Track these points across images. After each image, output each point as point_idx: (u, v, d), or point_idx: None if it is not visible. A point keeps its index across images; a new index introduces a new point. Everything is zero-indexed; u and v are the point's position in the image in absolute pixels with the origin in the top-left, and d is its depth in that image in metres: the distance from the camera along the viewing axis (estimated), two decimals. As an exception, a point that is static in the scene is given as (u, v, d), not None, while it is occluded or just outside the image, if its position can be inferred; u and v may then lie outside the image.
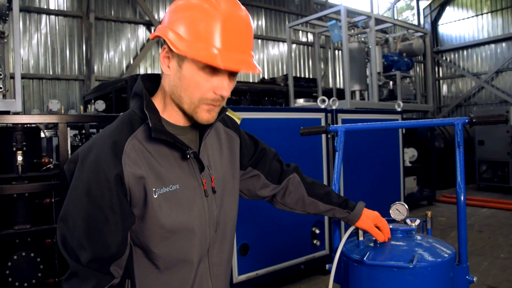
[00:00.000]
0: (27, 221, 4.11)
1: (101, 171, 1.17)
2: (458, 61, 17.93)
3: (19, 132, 4.13)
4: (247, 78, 13.44)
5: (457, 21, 17.86)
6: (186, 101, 1.24)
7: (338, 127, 2.15)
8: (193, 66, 1.19)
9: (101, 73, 10.63)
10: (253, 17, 13.90)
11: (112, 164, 1.18)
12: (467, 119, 1.86)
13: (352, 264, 1.75)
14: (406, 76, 10.56)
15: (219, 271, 1.42)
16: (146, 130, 1.26)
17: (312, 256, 4.75)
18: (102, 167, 1.17)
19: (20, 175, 4.02)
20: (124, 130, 1.25)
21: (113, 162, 1.18)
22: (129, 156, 1.20)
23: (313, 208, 1.73)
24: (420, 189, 9.30)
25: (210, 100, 1.23)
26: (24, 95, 9.54)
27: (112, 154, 1.19)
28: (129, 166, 1.19)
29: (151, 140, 1.25)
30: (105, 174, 1.17)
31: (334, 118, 4.99)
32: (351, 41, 9.25)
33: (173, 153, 1.29)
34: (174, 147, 1.28)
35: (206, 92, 1.22)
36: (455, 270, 1.73)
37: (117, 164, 1.18)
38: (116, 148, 1.20)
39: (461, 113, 17.78)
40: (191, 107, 1.25)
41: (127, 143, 1.22)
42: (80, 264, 1.19)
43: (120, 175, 1.18)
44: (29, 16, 9.80)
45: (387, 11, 17.83)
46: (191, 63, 1.19)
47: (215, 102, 1.24)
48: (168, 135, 1.23)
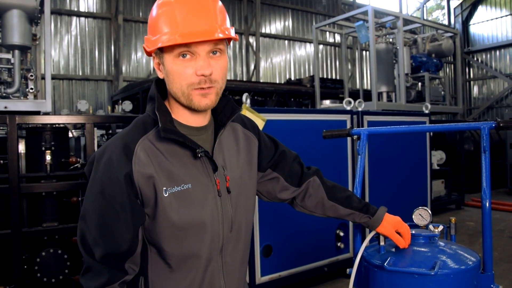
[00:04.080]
0: (54, 218, 4.22)
1: (113, 171, 1.23)
2: (490, 62, 17.50)
3: (48, 132, 4.24)
4: (274, 79, 13.45)
5: (489, 21, 17.44)
6: (179, 94, 1.27)
7: (361, 130, 2.12)
8: (170, 58, 1.25)
9: (129, 74, 10.82)
10: (280, 18, 13.90)
11: (123, 164, 1.23)
12: (494, 124, 1.80)
13: (373, 269, 1.72)
14: (435, 78, 10.35)
15: (233, 271, 1.43)
16: (158, 131, 1.29)
17: (335, 259, 4.70)
18: (114, 168, 1.23)
19: (48, 174, 4.12)
20: (137, 132, 1.30)
21: (124, 163, 1.23)
22: (139, 156, 1.25)
23: (333, 211, 1.71)
24: (448, 192, 9.09)
25: (197, 84, 1.24)
26: (55, 96, 9.80)
27: (123, 155, 1.24)
28: (139, 165, 1.24)
29: (162, 140, 1.28)
30: (116, 174, 1.22)
31: (360, 120, 4.93)
32: (378, 42, 9.12)
33: (185, 152, 1.31)
34: (185, 146, 1.30)
35: (189, 78, 1.24)
36: (479, 279, 1.68)
37: (128, 165, 1.23)
38: (127, 149, 1.25)
39: (492, 116, 17.34)
40: (185, 97, 1.27)
41: (138, 144, 1.26)
42: (94, 260, 1.24)
43: (130, 175, 1.23)
44: (60, 18, 10.06)
45: (416, 11, 17.54)
46: (167, 56, 1.25)
47: (203, 84, 1.24)
48: (177, 134, 1.26)
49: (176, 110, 1.35)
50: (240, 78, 12.90)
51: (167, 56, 1.25)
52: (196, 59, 1.23)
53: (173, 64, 1.24)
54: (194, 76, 1.23)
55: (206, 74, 1.23)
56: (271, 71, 13.58)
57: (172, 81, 1.27)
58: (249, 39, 13.08)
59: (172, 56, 1.24)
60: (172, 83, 1.27)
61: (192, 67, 1.23)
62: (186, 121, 1.35)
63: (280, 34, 13.88)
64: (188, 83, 1.24)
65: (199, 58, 1.23)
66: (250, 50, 13.07)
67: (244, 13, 13.13)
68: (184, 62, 1.23)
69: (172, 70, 1.25)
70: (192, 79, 1.24)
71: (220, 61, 1.27)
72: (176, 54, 1.23)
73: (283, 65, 13.89)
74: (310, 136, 4.38)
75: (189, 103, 1.27)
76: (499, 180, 11.50)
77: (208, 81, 1.25)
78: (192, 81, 1.24)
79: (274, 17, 13.76)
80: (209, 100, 1.28)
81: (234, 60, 12.96)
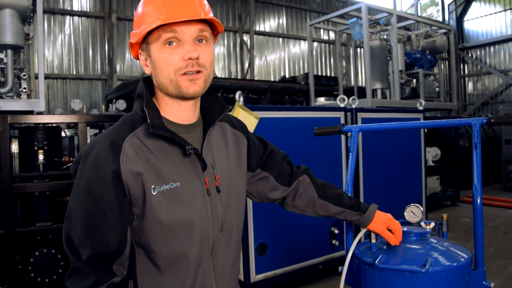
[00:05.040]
0: (48, 218, 4.21)
1: (100, 169, 1.20)
2: (484, 58, 17.53)
3: (40, 132, 4.22)
4: (268, 77, 13.43)
5: (483, 17, 17.47)
6: (166, 82, 1.27)
7: (352, 127, 2.11)
8: (156, 47, 1.26)
9: (123, 73, 10.79)
10: (274, 16, 13.88)
11: (110, 161, 1.20)
12: (485, 120, 1.80)
13: (364, 267, 1.72)
14: (429, 74, 10.37)
15: (225, 272, 1.40)
16: (146, 128, 1.28)
17: (330, 256, 4.70)
18: (101, 165, 1.20)
19: (41, 173, 4.11)
20: (124, 129, 1.28)
21: (111, 160, 1.21)
22: (127, 153, 1.23)
23: (324, 210, 1.71)
24: (444, 189, 9.11)
25: (184, 68, 1.25)
26: (49, 95, 9.75)
27: (111, 152, 1.22)
28: (127, 163, 1.21)
29: (151, 137, 1.27)
30: (103, 171, 1.20)
31: (353, 117, 4.93)
32: (372, 39, 9.13)
33: (174, 150, 1.29)
34: (174, 143, 1.29)
35: (176, 63, 1.24)
36: (471, 275, 1.67)
37: (115, 162, 1.21)
38: (115, 146, 1.23)
39: (487, 112, 17.38)
40: (172, 85, 1.26)
41: (126, 141, 1.24)
42: (81, 261, 1.21)
43: (118, 172, 1.20)
44: (53, 17, 10.00)
45: (410, 8, 17.54)
46: (153, 47, 1.26)
47: (190, 68, 1.25)
48: (166, 131, 1.25)
49: (165, 106, 1.34)
50: (234, 76, 12.87)
51: (154, 46, 1.26)
52: (182, 45, 1.24)
53: (160, 53, 1.25)
54: (181, 61, 1.24)
55: (193, 57, 1.23)
56: (266, 69, 13.56)
57: (159, 71, 1.27)
58: (243, 37, 13.05)
59: (158, 45, 1.25)
60: (160, 73, 1.27)
61: (178, 54, 1.24)
62: (174, 118, 1.34)
63: (274, 31, 13.86)
64: (176, 69, 1.24)
65: (185, 44, 1.24)
66: (245, 48, 13.04)
67: (238, 11, 13.10)
68: (171, 49, 1.24)
69: (159, 59, 1.26)
70: (180, 64, 1.24)
71: (206, 48, 1.28)
72: (163, 42, 1.24)
73: (278, 62, 13.87)
74: (304, 134, 4.37)
75: (178, 90, 1.26)
76: (494, 176, 11.53)
77: (196, 64, 1.25)
78: (179, 66, 1.24)
79: (268, 15, 13.74)
80: (198, 86, 1.27)
81: (229, 58, 12.93)
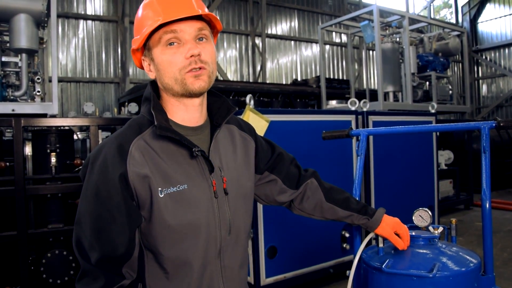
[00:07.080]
0: (60, 220, 4.26)
1: (107, 172, 1.22)
2: (499, 60, 17.33)
3: (53, 135, 4.28)
4: (280, 80, 13.44)
5: (498, 18, 17.29)
6: (172, 82, 1.29)
7: (360, 131, 2.10)
8: (158, 50, 1.29)
9: (135, 76, 10.88)
10: (286, 19, 13.88)
11: (117, 165, 1.22)
12: (494, 123, 1.78)
13: (371, 271, 1.71)
14: (442, 77, 10.27)
15: (232, 275, 1.40)
16: (153, 131, 1.29)
17: (341, 260, 4.67)
18: (108, 169, 1.22)
19: (53, 176, 4.16)
20: (131, 132, 1.29)
21: (118, 163, 1.22)
22: (134, 156, 1.24)
23: (331, 214, 1.70)
24: (457, 192, 9.00)
25: (188, 66, 1.26)
26: (62, 98, 9.87)
27: (118, 156, 1.23)
28: (134, 165, 1.23)
29: (158, 139, 1.28)
30: (110, 175, 1.21)
31: (365, 120, 4.90)
32: (384, 42, 9.07)
33: (181, 152, 1.30)
34: (181, 145, 1.29)
35: (180, 62, 1.27)
36: (479, 281, 1.65)
37: (122, 165, 1.22)
38: (122, 149, 1.24)
39: (502, 114, 17.18)
40: (178, 84, 1.28)
41: (133, 144, 1.26)
42: (90, 264, 1.22)
43: (125, 175, 1.22)
44: (67, 21, 10.14)
45: (423, 10, 17.43)
46: (155, 50, 1.29)
47: (194, 64, 1.27)
48: (173, 133, 1.26)
49: (171, 109, 1.35)
50: (246, 79, 12.90)
51: (156, 50, 1.29)
52: (183, 45, 1.27)
53: (162, 54, 1.28)
54: (184, 60, 1.26)
55: (195, 53, 1.25)
56: (277, 72, 13.56)
57: (163, 72, 1.29)
58: (255, 40, 13.08)
59: (160, 47, 1.28)
60: (164, 74, 1.29)
61: (181, 53, 1.26)
62: (181, 120, 1.35)
63: (286, 34, 13.86)
64: (180, 68, 1.27)
65: (186, 43, 1.27)
66: (256, 51, 13.06)
67: (250, 14, 13.13)
68: (173, 49, 1.27)
69: (162, 60, 1.28)
70: (183, 63, 1.26)
71: (207, 45, 1.31)
72: (164, 43, 1.27)
73: (289, 65, 13.87)
74: (315, 137, 4.35)
75: (184, 87, 1.28)
76: (508, 179, 11.36)
77: (199, 61, 1.27)
78: (183, 65, 1.26)
79: (280, 18, 13.75)
80: (203, 81, 1.29)
81: (241, 61, 12.96)
